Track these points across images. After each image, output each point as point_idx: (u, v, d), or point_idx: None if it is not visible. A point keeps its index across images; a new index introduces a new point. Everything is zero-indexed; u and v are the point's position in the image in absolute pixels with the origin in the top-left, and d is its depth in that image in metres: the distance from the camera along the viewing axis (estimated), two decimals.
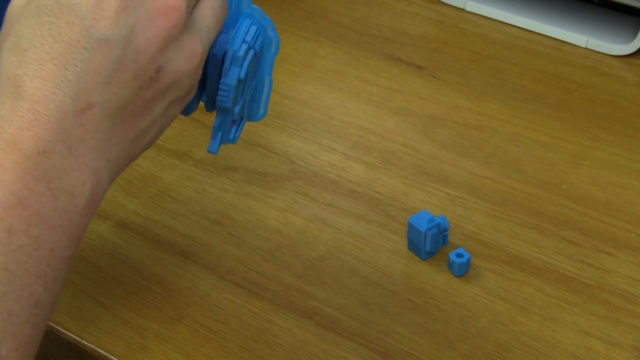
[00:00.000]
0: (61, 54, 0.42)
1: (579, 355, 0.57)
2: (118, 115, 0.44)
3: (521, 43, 0.85)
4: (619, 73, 0.81)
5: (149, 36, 0.44)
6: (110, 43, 0.43)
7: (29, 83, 0.42)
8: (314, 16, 0.88)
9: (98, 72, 0.43)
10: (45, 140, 0.41)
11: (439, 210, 0.67)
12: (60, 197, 0.42)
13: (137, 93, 0.44)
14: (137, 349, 0.57)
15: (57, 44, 0.43)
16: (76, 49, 0.43)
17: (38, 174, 0.41)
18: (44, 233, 0.41)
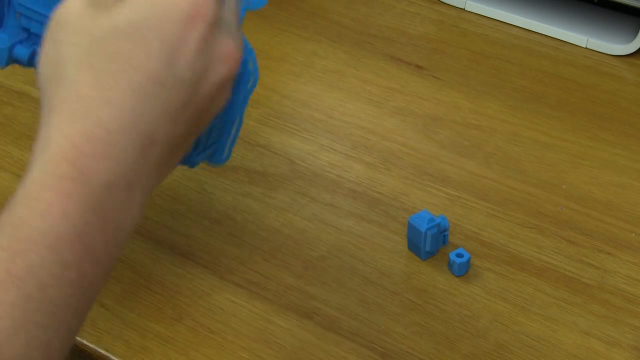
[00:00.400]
0: (140, 86, 0.42)
1: (579, 355, 0.57)
2: (168, 152, 0.44)
3: (521, 43, 0.85)
4: (619, 73, 0.81)
5: (212, 82, 0.44)
6: (184, 83, 0.43)
7: (105, 109, 0.41)
8: (314, 16, 0.88)
9: (168, 110, 0.43)
10: (111, 174, 0.41)
11: (439, 210, 0.67)
12: (109, 232, 0.42)
13: (188, 133, 0.45)
14: (137, 349, 0.57)
15: (137, 75, 0.42)
16: (155, 84, 0.42)
17: (99, 208, 0.41)
18: (90, 268, 0.41)
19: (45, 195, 0.40)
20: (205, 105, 0.45)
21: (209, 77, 0.44)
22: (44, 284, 0.39)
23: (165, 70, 0.42)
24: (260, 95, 0.78)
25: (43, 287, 0.39)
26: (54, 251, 0.39)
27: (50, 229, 0.40)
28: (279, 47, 0.84)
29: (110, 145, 0.41)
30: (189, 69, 0.43)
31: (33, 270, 0.39)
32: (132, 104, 0.42)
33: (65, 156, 0.41)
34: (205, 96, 0.44)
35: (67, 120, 0.41)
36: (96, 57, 0.42)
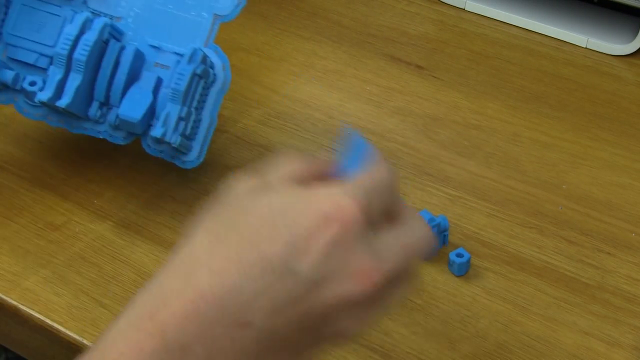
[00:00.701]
0: (250, 264, 0.41)
1: (579, 355, 0.57)
2: (266, 345, 0.42)
3: (521, 43, 0.85)
4: (619, 73, 0.81)
5: (336, 293, 0.42)
6: (297, 278, 0.41)
7: (207, 276, 0.41)
8: (314, 16, 0.88)
9: (272, 298, 0.41)
10: (190, 336, 0.40)
11: (439, 210, 0.67)
12: None
13: (293, 335, 0.42)
14: None
15: (252, 253, 0.41)
16: (265, 267, 0.41)
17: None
18: None
19: (120, 344, 0.40)
20: (319, 313, 0.42)
21: (333, 286, 0.42)
22: None
23: (282, 258, 0.41)
24: (260, 95, 0.78)
25: None
26: None
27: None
28: (279, 47, 0.84)
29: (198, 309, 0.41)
30: (309, 267, 0.41)
31: None
32: (236, 278, 0.41)
33: (152, 310, 0.41)
34: (323, 303, 0.42)
35: (169, 276, 0.42)
36: (223, 226, 0.42)
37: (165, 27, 0.65)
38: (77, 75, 0.61)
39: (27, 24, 0.64)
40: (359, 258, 0.42)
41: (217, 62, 0.64)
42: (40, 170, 0.69)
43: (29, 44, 0.64)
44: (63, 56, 0.61)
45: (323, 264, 0.41)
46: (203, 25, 0.64)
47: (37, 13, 0.65)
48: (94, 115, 0.64)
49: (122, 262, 0.62)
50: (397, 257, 0.44)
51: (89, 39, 0.61)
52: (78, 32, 0.62)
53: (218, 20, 0.64)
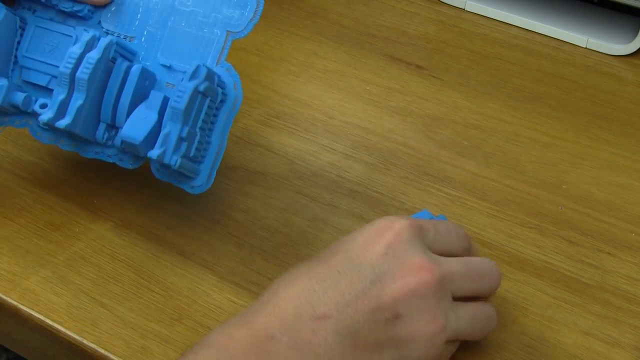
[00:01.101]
0: (317, 271, 0.49)
1: (579, 355, 0.57)
2: (347, 337, 0.48)
3: (521, 43, 0.85)
4: (619, 73, 0.82)
5: (396, 285, 0.49)
6: (361, 275, 0.49)
7: (282, 287, 0.49)
8: (314, 16, 0.88)
9: (342, 293, 0.48)
10: (275, 329, 0.47)
11: (439, 210, 0.67)
12: None
13: (370, 327, 0.48)
14: (137, 349, 0.57)
15: (318, 264, 0.50)
16: (331, 270, 0.49)
17: (261, 352, 0.46)
18: None
19: (212, 336, 0.48)
20: (388, 305, 0.48)
21: (394, 278, 0.49)
22: None
23: (345, 261, 0.49)
24: (260, 95, 0.78)
25: None
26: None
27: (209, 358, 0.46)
28: (279, 47, 0.84)
29: (277, 307, 0.48)
30: (370, 264, 0.49)
31: None
32: (307, 281, 0.49)
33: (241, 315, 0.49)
34: (389, 295, 0.48)
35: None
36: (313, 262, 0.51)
37: (178, 45, 0.62)
38: (79, 95, 0.59)
39: (41, 46, 0.63)
40: (415, 256, 0.50)
41: (228, 82, 0.61)
42: (40, 170, 0.69)
43: (41, 66, 0.63)
44: (66, 75, 0.59)
45: (381, 262, 0.49)
46: (216, 43, 0.62)
47: (51, 34, 0.63)
48: (101, 137, 0.61)
49: (122, 262, 0.62)
50: (456, 263, 0.51)
51: (92, 57, 0.59)
52: (82, 50, 0.59)
53: (231, 37, 0.62)
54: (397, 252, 0.49)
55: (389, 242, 0.50)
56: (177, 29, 0.62)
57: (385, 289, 0.48)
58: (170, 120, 0.58)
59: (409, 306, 0.49)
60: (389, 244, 0.50)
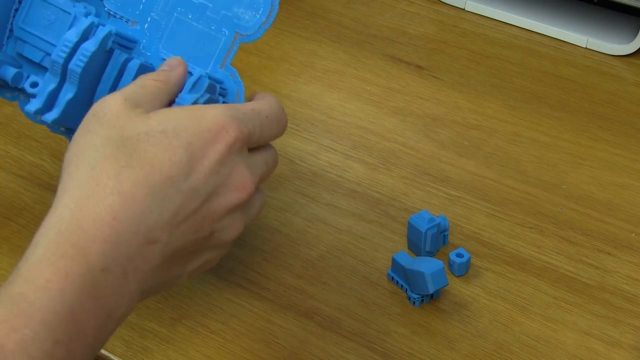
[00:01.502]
0: (157, 186, 0.46)
1: (579, 355, 0.57)
2: (171, 256, 0.47)
3: (521, 43, 0.85)
4: (619, 73, 0.82)
5: (223, 203, 0.48)
6: (196, 194, 0.47)
7: (118, 199, 0.45)
8: (314, 16, 0.88)
9: (176, 214, 0.46)
10: (110, 258, 0.44)
11: (439, 210, 0.67)
12: (100, 316, 0.44)
13: (192, 243, 0.48)
14: (137, 349, 0.57)
15: (156, 176, 0.46)
16: (171, 186, 0.46)
17: (94, 291, 0.43)
18: (79, 348, 0.43)
19: (45, 272, 0.43)
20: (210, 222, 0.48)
21: (220, 197, 0.48)
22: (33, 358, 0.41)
23: (183, 177, 0.47)
24: None
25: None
26: (48, 328, 0.41)
27: (46, 306, 0.42)
28: (279, 47, 0.84)
29: (114, 231, 0.44)
30: (204, 182, 0.47)
31: (25, 345, 0.41)
32: (144, 200, 0.45)
33: (70, 236, 0.44)
34: (214, 213, 0.48)
35: (78, 202, 0.45)
36: (122, 152, 0.46)
37: (182, 39, 0.59)
38: (70, 87, 0.55)
39: (38, 19, 0.60)
40: (240, 173, 0.49)
41: (231, 88, 0.58)
42: (40, 170, 0.69)
43: (37, 41, 0.60)
44: (58, 64, 0.55)
45: (214, 177, 0.48)
46: (223, 44, 0.58)
47: (49, 7, 0.59)
48: None
49: None
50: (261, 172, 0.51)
51: (88, 49, 0.55)
52: (79, 39, 0.55)
53: (239, 39, 0.58)
54: (226, 165, 0.48)
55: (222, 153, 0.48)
56: (184, 21, 0.59)
57: (211, 207, 0.48)
58: None
59: (225, 222, 0.49)
60: (221, 156, 0.48)
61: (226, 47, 0.58)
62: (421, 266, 0.58)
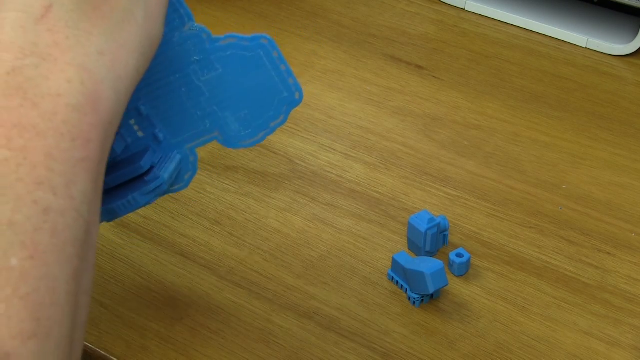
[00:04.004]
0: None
1: (579, 355, 0.57)
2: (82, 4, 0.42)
3: (521, 43, 0.85)
4: (619, 73, 0.82)
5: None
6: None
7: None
8: (314, 16, 0.88)
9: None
10: (10, 61, 0.40)
11: (439, 210, 0.67)
12: (43, 102, 0.39)
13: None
14: (137, 349, 0.57)
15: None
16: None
17: (10, 91, 0.39)
18: (32, 140, 0.39)
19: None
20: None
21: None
22: None
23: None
24: None
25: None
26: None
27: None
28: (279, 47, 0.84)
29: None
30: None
31: None
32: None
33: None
34: None
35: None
36: None
37: (165, 99, 0.56)
38: None
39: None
40: None
41: (184, 168, 0.57)
42: None
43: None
44: None
45: None
46: (200, 131, 0.56)
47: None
48: None
49: (122, 262, 0.62)
50: None
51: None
52: None
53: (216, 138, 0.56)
54: None
55: None
56: (175, 90, 0.56)
57: None
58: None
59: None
60: None
61: (200, 136, 0.56)
62: (421, 266, 0.58)
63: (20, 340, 0.35)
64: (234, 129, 0.56)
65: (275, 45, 0.57)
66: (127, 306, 0.59)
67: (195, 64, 0.56)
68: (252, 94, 0.57)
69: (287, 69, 0.57)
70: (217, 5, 0.89)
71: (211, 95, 0.56)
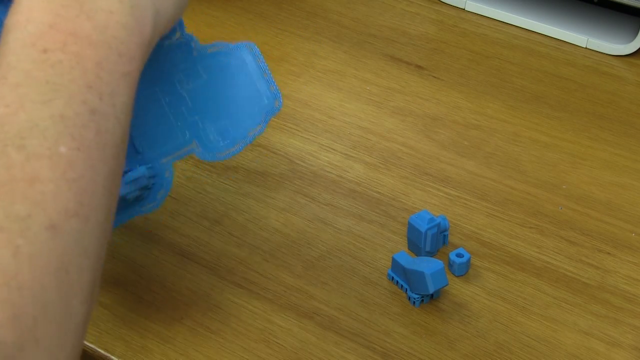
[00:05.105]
0: None
1: (579, 355, 0.57)
2: None
3: (521, 43, 0.85)
4: (619, 73, 0.82)
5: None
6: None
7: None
8: (314, 16, 0.88)
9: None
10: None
11: (439, 210, 0.67)
12: (97, 16, 0.43)
13: None
14: (137, 349, 0.57)
15: None
16: None
17: (68, 2, 0.43)
18: (85, 49, 0.43)
19: None
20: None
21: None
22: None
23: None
24: None
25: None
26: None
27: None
28: (279, 47, 0.84)
29: None
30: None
31: None
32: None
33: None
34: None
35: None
36: None
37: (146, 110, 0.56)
38: None
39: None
40: None
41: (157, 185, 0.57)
42: None
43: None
44: None
45: None
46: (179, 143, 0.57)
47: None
48: None
49: (122, 262, 0.62)
50: None
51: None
52: None
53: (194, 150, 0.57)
54: None
55: None
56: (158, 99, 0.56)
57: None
58: None
59: None
60: None
61: (179, 148, 0.56)
62: (421, 266, 0.58)
63: (64, 216, 0.39)
64: (213, 139, 0.57)
65: (260, 53, 0.58)
66: (127, 306, 0.59)
67: (181, 73, 0.57)
68: (233, 102, 0.57)
69: (269, 77, 0.57)
70: (217, 5, 0.89)
71: (193, 104, 0.56)
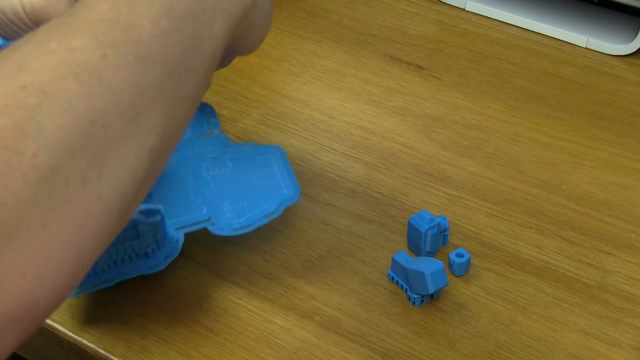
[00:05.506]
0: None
1: (579, 355, 0.57)
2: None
3: (521, 43, 0.85)
4: (619, 73, 0.81)
5: None
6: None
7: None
8: (314, 16, 0.88)
9: None
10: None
11: (439, 210, 0.67)
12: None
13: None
14: (137, 349, 0.57)
15: None
16: None
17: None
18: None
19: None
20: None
21: None
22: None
23: None
24: (260, 95, 0.78)
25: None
26: None
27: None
28: (279, 47, 0.84)
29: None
30: None
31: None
32: None
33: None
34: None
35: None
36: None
37: (170, 182, 0.59)
38: None
39: None
40: None
41: (165, 251, 0.59)
42: None
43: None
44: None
45: None
46: (194, 219, 0.59)
47: None
48: None
49: None
50: None
51: None
52: None
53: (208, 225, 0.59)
54: None
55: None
56: (183, 176, 0.60)
57: None
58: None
59: None
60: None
61: (194, 221, 0.59)
62: (421, 266, 0.58)
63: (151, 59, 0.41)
64: (229, 217, 0.59)
65: (285, 155, 0.62)
66: (127, 306, 0.59)
67: (209, 161, 0.61)
68: (253, 190, 0.60)
69: (291, 174, 0.61)
70: None
71: (215, 187, 0.60)
